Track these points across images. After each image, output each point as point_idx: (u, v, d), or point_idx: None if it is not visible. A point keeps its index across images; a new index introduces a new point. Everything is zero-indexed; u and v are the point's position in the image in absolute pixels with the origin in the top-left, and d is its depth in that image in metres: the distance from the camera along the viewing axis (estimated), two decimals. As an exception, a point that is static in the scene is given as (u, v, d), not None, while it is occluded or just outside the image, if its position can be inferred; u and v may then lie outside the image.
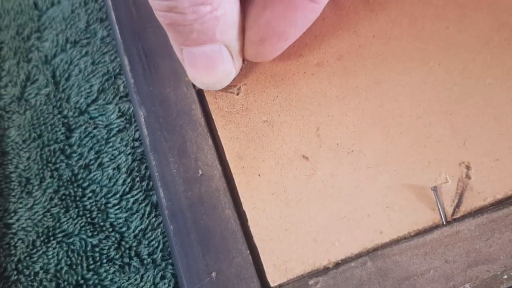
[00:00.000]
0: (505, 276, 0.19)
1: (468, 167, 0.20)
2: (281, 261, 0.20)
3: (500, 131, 0.21)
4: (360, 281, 0.19)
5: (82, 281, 0.23)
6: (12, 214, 0.25)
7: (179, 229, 0.21)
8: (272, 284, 0.20)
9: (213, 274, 0.20)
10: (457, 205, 0.20)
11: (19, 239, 0.25)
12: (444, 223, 0.20)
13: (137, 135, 0.26)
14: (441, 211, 0.20)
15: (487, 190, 0.20)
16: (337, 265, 0.20)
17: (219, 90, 0.24)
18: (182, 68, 0.24)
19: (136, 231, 0.24)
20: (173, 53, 0.24)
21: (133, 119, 0.27)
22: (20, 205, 0.26)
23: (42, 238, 0.25)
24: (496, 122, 0.21)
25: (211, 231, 0.21)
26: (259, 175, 0.22)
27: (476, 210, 0.20)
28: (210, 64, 0.21)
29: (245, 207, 0.21)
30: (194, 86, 0.24)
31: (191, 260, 0.20)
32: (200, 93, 0.24)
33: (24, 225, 0.25)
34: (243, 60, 0.23)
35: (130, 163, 0.26)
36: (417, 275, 0.19)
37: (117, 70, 0.28)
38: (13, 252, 0.25)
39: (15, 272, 0.24)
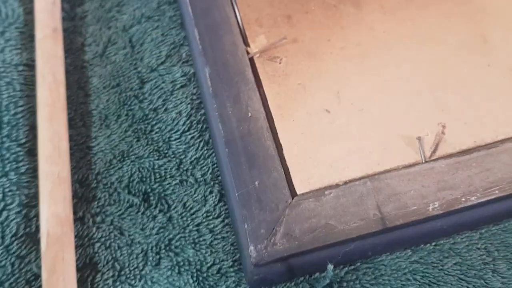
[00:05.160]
0: (463, 199, 0.28)
1: (444, 127, 0.30)
2: (306, 178, 0.29)
3: (468, 105, 0.31)
4: (361, 194, 0.29)
5: (149, 190, 0.32)
6: (93, 140, 0.35)
7: (232, 151, 0.30)
8: (298, 192, 0.29)
9: (256, 182, 0.29)
10: (434, 151, 0.30)
11: (98, 158, 0.34)
12: (423, 162, 0.29)
13: (195, 91, 0.36)
14: (422, 154, 0.29)
15: (456, 143, 0.30)
16: (346, 183, 0.29)
17: (266, 59, 0.33)
18: (239, 40, 0.34)
19: (192, 159, 0.33)
20: (232, 28, 0.34)
21: (192, 79, 0.36)
22: (100, 134, 0.35)
23: (118, 158, 0.34)
24: (465, 99, 0.31)
25: (255, 154, 0.30)
26: (293, 120, 0.31)
27: (447, 155, 0.30)
28: None
29: (282, 140, 0.31)
30: (247, 53, 0.34)
31: (240, 172, 0.30)
32: (251, 60, 0.34)
33: (103, 148, 0.34)
34: (284, 37, 0.33)
35: (189, 110, 0.35)
36: (402, 193, 0.28)
37: (181, 42, 0.38)
38: (93, 167, 0.34)
39: (95, 181, 0.33)
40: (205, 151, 0.34)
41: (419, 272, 0.29)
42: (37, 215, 0.32)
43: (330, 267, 0.27)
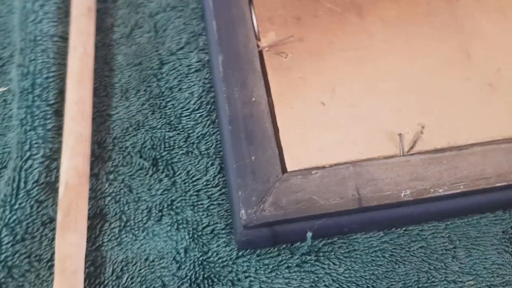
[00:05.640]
0: (432, 190, 0.32)
1: (423, 127, 0.35)
2: (297, 158, 0.34)
3: (446, 111, 0.35)
4: (344, 176, 0.33)
5: (159, 157, 0.37)
6: (113, 109, 0.39)
7: (235, 129, 0.35)
8: (288, 169, 0.33)
9: (253, 157, 0.34)
10: (411, 147, 0.34)
11: (116, 125, 0.38)
12: (401, 155, 0.34)
13: (207, 76, 0.40)
14: (401, 148, 0.34)
15: (432, 142, 0.34)
16: (331, 166, 0.33)
17: (273, 53, 0.38)
18: (252, 34, 0.38)
19: (199, 134, 0.38)
20: (246, 23, 0.39)
21: (206, 65, 0.41)
22: (120, 104, 0.39)
23: (134, 127, 0.38)
24: (444, 106, 0.35)
25: (255, 134, 0.35)
26: (291, 107, 0.36)
27: (422, 151, 0.34)
28: None
29: (279, 124, 0.35)
30: (257, 46, 0.38)
31: (239, 148, 0.34)
32: (260, 53, 0.38)
33: (122, 117, 0.39)
34: (292, 35, 0.38)
35: (200, 92, 0.39)
36: (379, 179, 0.33)
37: (200, 32, 0.42)
38: (111, 132, 0.38)
39: (111, 144, 0.38)
40: (211, 129, 0.38)
41: (388, 251, 0.33)
42: (57, 167, 0.36)
43: (309, 234, 0.32)
